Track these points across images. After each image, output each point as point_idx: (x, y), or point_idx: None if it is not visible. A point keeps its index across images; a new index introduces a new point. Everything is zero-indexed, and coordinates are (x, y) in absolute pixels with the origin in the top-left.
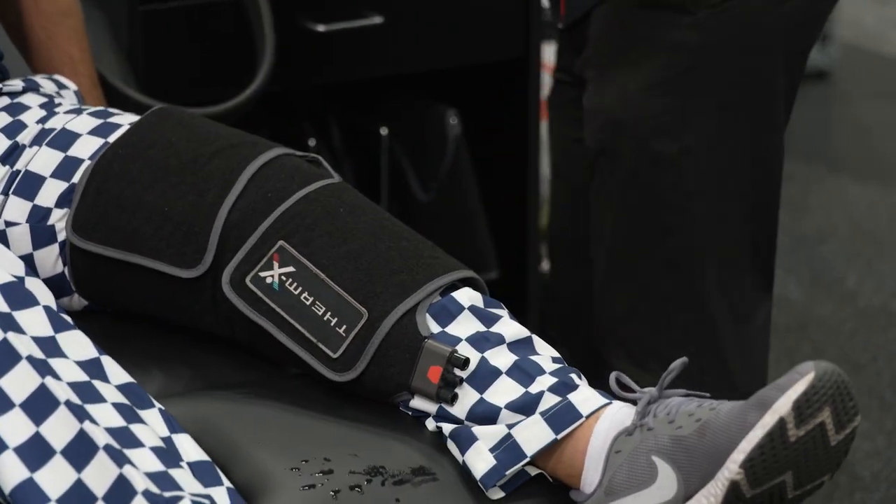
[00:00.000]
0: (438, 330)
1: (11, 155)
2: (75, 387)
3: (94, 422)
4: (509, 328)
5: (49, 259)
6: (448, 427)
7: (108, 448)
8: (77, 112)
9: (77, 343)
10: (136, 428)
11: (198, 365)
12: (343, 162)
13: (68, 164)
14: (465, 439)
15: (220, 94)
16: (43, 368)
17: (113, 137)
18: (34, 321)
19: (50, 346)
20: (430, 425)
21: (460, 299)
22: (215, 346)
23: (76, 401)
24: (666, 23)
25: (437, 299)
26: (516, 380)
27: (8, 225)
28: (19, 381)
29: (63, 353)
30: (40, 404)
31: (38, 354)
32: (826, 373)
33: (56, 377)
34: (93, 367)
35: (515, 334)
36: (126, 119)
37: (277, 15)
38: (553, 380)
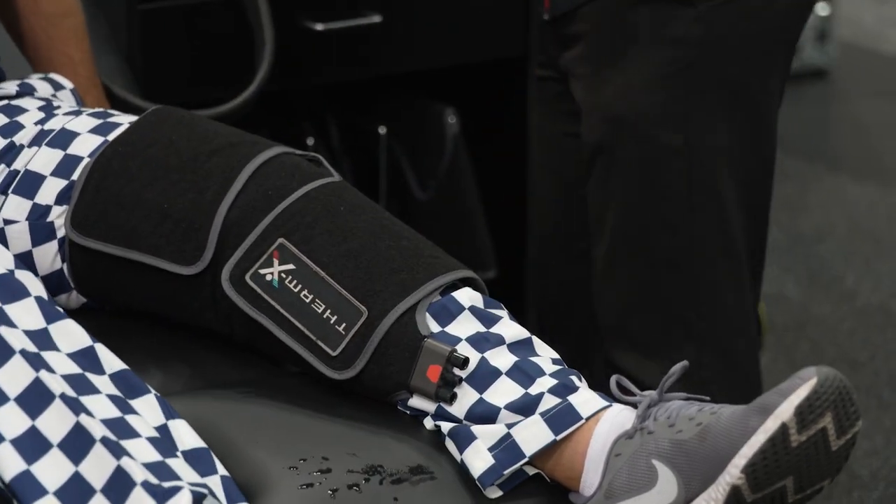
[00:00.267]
0: (438, 329)
1: (8, 154)
2: (69, 379)
3: (89, 414)
4: (509, 329)
5: (48, 256)
6: (447, 426)
7: (104, 440)
8: (76, 113)
9: (70, 333)
10: (131, 418)
11: (196, 363)
12: (341, 161)
13: (68, 162)
14: (463, 438)
15: (219, 94)
16: (37, 362)
17: (112, 136)
18: (26, 314)
19: (43, 339)
20: (429, 424)
21: (460, 299)
22: (213, 344)
23: (71, 393)
24: (668, 17)
25: (438, 299)
26: (516, 380)
27: (7, 223)
28: (13, 376)
29: (56, 346)
30: (35, 398)
31: (32, 348)
32: (828, 378)
33: (50, 370)
34: (86, 357)
35: (515, 335)
36: (125, 119)
37: (276, 14)
38: (553, 381)
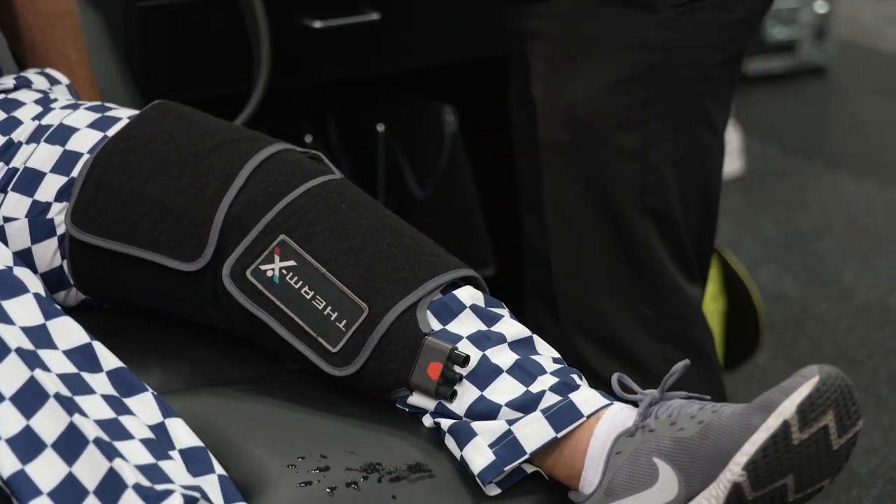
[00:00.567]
0: (439, 327)
1: (6, 152)
2: (65, 378)
3: (83, 414)
4: (510, 328)
5: (47, 253)
6: (447, 423)
7: (98, 441)
8: (74, 107)
9: (68, 330)
10: (125, 419)
11: (195, 361)
12: (340, 159)
13: (67, 159)
14: (463, 434)
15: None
16: (32, 360)
17: (112, 131)
18: (24, 310)
19: (40, 337)
20: (427, 422)
21: (462, 297)
22: (212, 342)
23: (66, 393)
24: (631, 21)
25: (439, 297)
26: (517, 378)
27: (6, 220)
28: (8, 374)
29: (53, 344)
30: (30, 397)
31: (28, 346)
32: (830, 377)
33: (45, 369)
34: (83, 355)
35: (516, 334)
36: (124, 113)
37: (274, 11)
38: (554, 379)
